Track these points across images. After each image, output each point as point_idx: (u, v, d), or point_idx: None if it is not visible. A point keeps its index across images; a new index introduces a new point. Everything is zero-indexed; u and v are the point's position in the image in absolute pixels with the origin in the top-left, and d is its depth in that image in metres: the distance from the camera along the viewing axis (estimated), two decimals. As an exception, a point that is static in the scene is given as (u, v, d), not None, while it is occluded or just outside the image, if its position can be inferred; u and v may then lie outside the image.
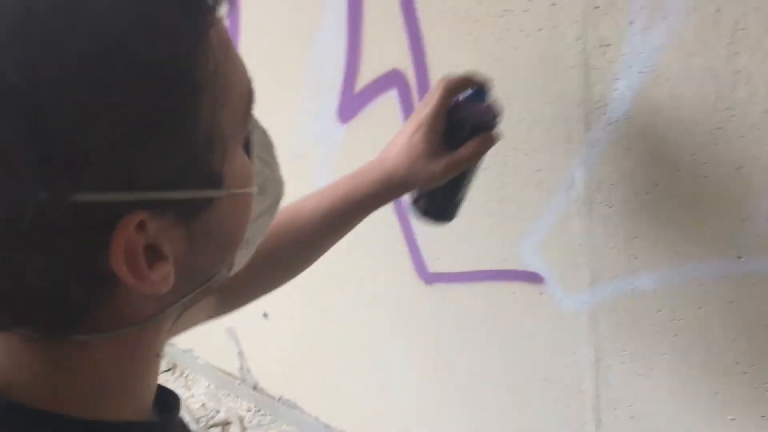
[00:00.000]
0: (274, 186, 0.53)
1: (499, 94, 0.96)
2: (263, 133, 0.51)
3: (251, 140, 0.48)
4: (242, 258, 0.51)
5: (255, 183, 0.47)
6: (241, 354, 1.84)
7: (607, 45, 0.85)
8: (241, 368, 1.86)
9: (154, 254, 0.39)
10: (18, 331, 0.41)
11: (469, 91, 0.82)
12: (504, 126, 0.97)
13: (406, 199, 0.87)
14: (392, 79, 1.08)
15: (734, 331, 0.93)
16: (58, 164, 0.35)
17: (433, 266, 1.23)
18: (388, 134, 1.10)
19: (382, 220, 1.22)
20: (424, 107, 0.81)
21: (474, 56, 0.96)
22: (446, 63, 1.00)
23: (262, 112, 1.20)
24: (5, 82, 0.34)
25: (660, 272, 0.96)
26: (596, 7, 0.83)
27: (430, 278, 1.25)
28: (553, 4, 0.86)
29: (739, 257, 0.87)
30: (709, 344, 0.96)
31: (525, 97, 0.95)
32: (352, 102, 1.15)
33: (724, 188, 0.84)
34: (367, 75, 1.10)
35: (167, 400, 0.50)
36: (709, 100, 0.80)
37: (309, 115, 1.22)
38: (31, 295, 0.38)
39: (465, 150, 0.80)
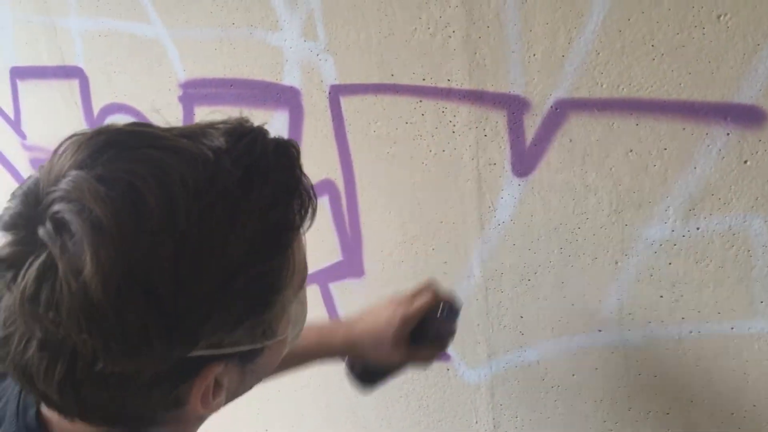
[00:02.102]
0: (302, 316, 0.65)
1: (413, 200, 1.19)
2: (304, 291, 0.64)
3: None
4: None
5: (290, 329, 0.60)
6: None
7: (494, 164, 1.10)
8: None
9: (217, 388, 0.54)
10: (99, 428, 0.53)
11: (445, 306, 0.96)
12: (416, 228, 1.20)
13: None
14: (324, 186, 1.29)
15: (600, 393, 1.14)
16: (181, 339, 0.48)
17: (356, 349, 1.40)
18: (319, 234, 1.30)
19: (311, 309, 1.39)
20: (407, 302, 0.94)
21: (392, 169, 1.19)
22: (371, 174, 1.22)
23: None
24: (155, 294, 0.46)
25: (541, 346, 1.17)
26: (485, 135, 1.09)
27: (352, 360, 1.41)
28: (453, 132, 1.11)
29: (600, 330, 1.10)
30: (582, 406, 1.17)
31: (432, 203, 1.18)
32: (289, 206, 1.35)
33: (585, 275, 1.08)
34: (303, 183, 1.31)
35: None
36: (569, 206, 1.06)
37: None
38: (113, 415, 0.51)
39: (423, 353, 0.96)
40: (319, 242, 1.33)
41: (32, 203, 0.47)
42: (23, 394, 0.58)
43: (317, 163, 1.27)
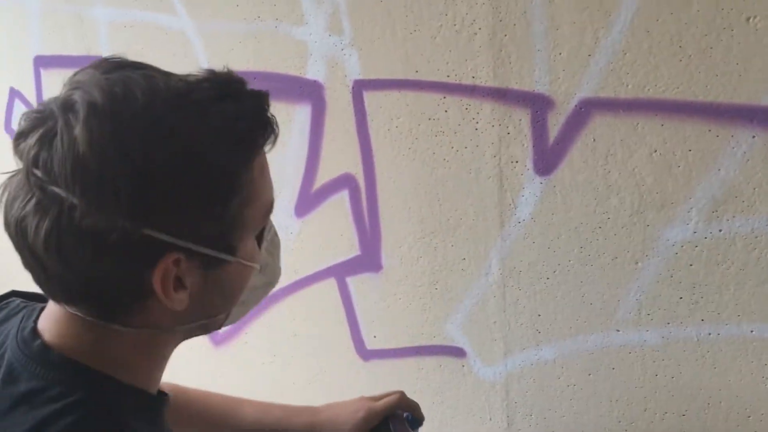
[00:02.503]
0: (272, 270, 0.73)
1: (434, 196, 1.19)
2: (274, 235, 0.73)
3: (264, 236, 0.68)
4: (236, 314, 0.71)
5: (258, 263, 0.67)
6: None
7: (516, 161, 1.10)
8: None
9: (179, 284, 0.60)
10: (73, 310, 0.61)
11: (409, 414, 1.00)
12: (436, 222, 1.21)
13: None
14: (345, 181, 1.30)
15: (617, 393, 1.14)
16: (146, 208, 0.55)
17: (371, 343, 1.41)
18: (338, 228, 1.31)
19: (328, 303, 1.40)
20: (375, 399, 0.99)
21: (413, 165, 1.20)
22: (392, 170, 1.23)
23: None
24: (130, 159, 0.55)
25: (558, 344, 1.18)
26: (508, 133, 1.09)
27: (367, 355, 1.42)
28: (476, 129, 1.11)
29: (618, 330, 1.11)
30: (597, 406, 1.17)
31: (453, 199, 1.18)
32: (308, 200, 1.36)
33: (605, 275, 1.09)
34: (323, 177, 1.32)
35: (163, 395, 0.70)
36: (590, 206, 1.06)
37: (269, 209, 1.42)
38: (91, 288, 0.58)
39: None
40: (337, 236, 1.34)
41: (51, 98, 0.58)
42: (23, 321, 0.66)
43: (338, 157, 1.28)
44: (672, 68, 0.92)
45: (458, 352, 1.29)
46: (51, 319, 0.64)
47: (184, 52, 1.40)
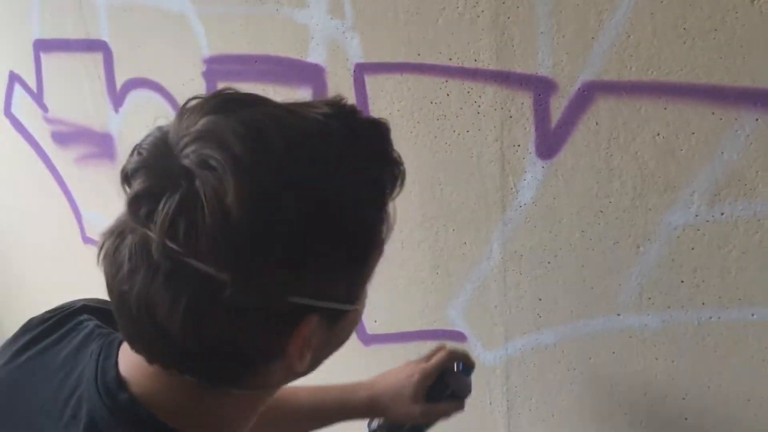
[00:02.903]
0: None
1: (435, 180, 1.19)
2: None
3: None
4: None
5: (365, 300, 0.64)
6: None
7: (518, 145, 1.10)
8: None
9: (308, 342, 0.57)
10: (181, 376, 0.56)
11: (460, 364, 1.04)
12: (437, 206, 1.20)
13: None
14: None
15: (617, 378, 1.15)
16: (297, 276, 0.52)
17: (372, 328, 1.41)
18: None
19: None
20: (424, 361, 1.02)
21: (414, 149, 1.19)
22: (392, 154, 1.23)
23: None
24: (286, 224, 0.50)
25: (559, 329, 1.18)
26: (510, 117, 1.09)
27: (368, 339, 1.43)
28: (478, 113, 1.11)
29: (618, 314, 1.11)
30: (597, 390, 1.18)
31: (454, 183, 1.18)
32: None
33: (606, 259, 1.09)
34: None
35: None
36: (592, 190, 1.06)
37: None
38: (217, 357, 0.54)
39: (441, 408, 1.01)
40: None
41: (163, 149, 0.51)
42: (101, 360, 0.61)
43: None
44: (676, 51, 0.92)
45: (459, 337, 1.29)
46: (139, 370, 0.58)
47: (185, 35, 1.39)
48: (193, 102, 0.55)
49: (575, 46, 0.99)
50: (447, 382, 1.01)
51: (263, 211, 0.49)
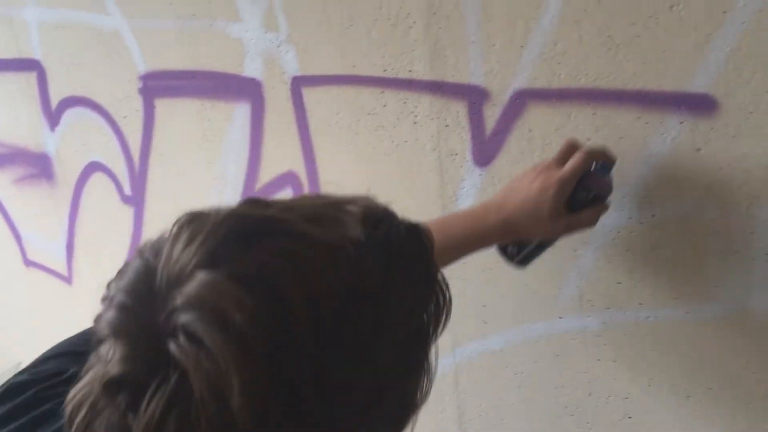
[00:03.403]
0: None
1: (377, 191, 1.19)
2: None
3: None
4: None
5: None
6: None
7: (456, 154, 1.10)
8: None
9: None
10: None
11: (598, 165, 0.90)
12: (379, 216, 1.20)
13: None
14: (288, 179, 1.29)
15: (562, 379, 1.16)
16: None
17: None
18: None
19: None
20: (556, 166, 0.87)
21: (355, 160, 1.19)
22: (334, 166, 1.23)
23: (174, 210, 1.40)
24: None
25: (505, 334, 1.19)
26: (446, 126, 1.09)
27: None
28: (415, 122, 1.12)
29: (560, 317, 1.12)
30: (544, 392, 1.19)
31: (395, 193, 1.18)
32: (252, 198, 1.35)
33: (545, 263, 1.09)
34: (266, 175, 1.31)
35: None
36: (529, 195, 1.07)
37: (213, 209, 1.40)
38: None
39: (586, 216, 0.89)
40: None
41: (148, 302, 0.41)
42: None
43: (280, 155, 1.27)
44: (602, 57, 0.94)
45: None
46: None
47: (119, 52, 1.37)
48: (181, 228, 0.44)
49: (505, 54, 1.00)
50: (588, 185, 0.88)
51: (274, 409, 0.39)
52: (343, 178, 1.22)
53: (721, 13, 0.85)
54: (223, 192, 1.36)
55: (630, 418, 1.12)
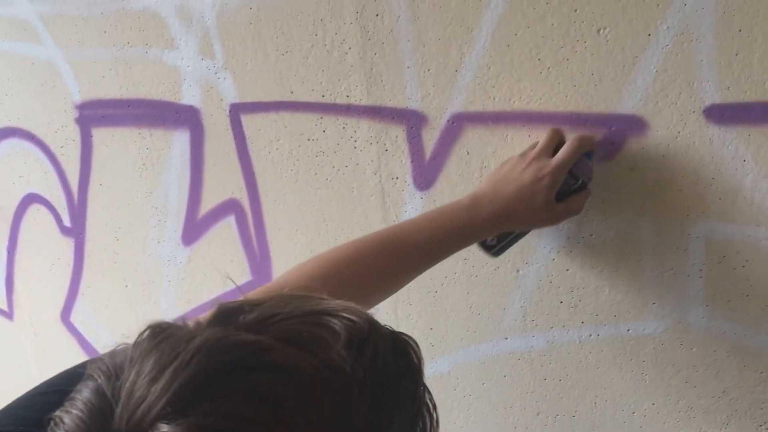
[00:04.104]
0: None
1: (319, 216, 1.18)
2: None
3: None
4: None
5: None
6: None
7: (396, 178, 1.10)
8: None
9: None
10: None
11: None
12: (323, 242, 1.19)
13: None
14: (230, 206, 1.27)
15: (510, 400, 1.16)
16: None
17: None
18: (228, 254, 1.28)
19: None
20: (546, 155, 0.87)
21: (296, 187, 1.18)
22: (276, 192, 1.21)
23: (112, 239, 1.37)
24: None
25: (452, 356, 1.18)
26: (386, 150, 1.09)
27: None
28: (355, 147, 1.11)
29: (506, 338, 1.12)
30: (493, 413, 1.19)
31: (339, 219, 1.17)
32: (194, 227, 1.32)
33: (489, 284, 1.10)
34: (208, 204, 1.29)
35: None
36: (470, 217, 1.07)
37: (154, 240, 1.37)
38: None
39: (574, 204, 0.90)
40: (227, 262, 1.31)
41: None
42: None
43: (221, 182, 1.25)
44: (534, 80, 0.95)
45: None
46: None
47: (53, 81, 1.34)
48: (155, 355, 0.40)
49: (440, 79, 1.01)
50: (575, 173, 0.90)
51: None
52: (285, 203, 1.20)
53: (646, 36, 0.87)
54: (164, 222, 1.34)
55: (578, 436, 1.12)
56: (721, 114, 0.86)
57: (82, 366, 0.46)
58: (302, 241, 1.22)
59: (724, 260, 0.93)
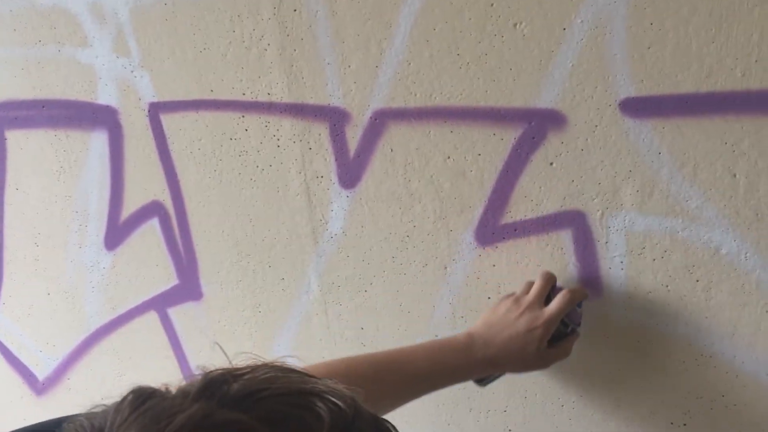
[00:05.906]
0: None
1: (245, 217, 1.15)
2: None
3: None
4: None
5: None
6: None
7: (321, 176, 1.08)
8: None
9: None
10: None
11: None
12: (251, 243, 1.17)
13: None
14: (153, 209, 1.23)
15: (442, 397, 1.15)
16: None
17: (201, 375, 1.35)
18: (153, 258, 1.24)
19: (151, 337, 1.32)
20: (539, 304, 0.92)
21: (221, 187, 1.15)
22: (199, 194, 1.18)
23: (32, 245, 1.31)
24: None
25: (383, 355, 1.17)
26: (310, 148, 1.07)
27: (199, 387, 1.36)
28: (278, 146, 1.08)
29: (436, 335, 1.11)
30: (426, 409, 1.18)
31: (265, 219, 1.15)
32: (117, 231, 1.28)
33: (418, 282, 1.09)
34: (130, 206, 1.25)
35: None
36: (396, 215, 1.06)
37: (76, 245, 1.32)
38: None
39: (563, 350, 0.94)
40: (153, 266, 1.27)
41: None
42: None
43: (143, 184, 1.21)
44: (453, 76, 0.94)
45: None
46: None
47: (-39, 82, 1.27)
48: (137, 427, 0.41)
49: (361, 75, 0.99)
50: (566, 321, 0.94)
51: None
52: (210, 205, 1.17)
53: (561, 30, 0.86)
54: (85, 226, 1.29)
55: (510, 430, 1.12)
56: (635, 107, 0.87)
57: (57, 424, 0.45)
58: (229, 242, 1.19)
59: (644, 251, 0.94)
